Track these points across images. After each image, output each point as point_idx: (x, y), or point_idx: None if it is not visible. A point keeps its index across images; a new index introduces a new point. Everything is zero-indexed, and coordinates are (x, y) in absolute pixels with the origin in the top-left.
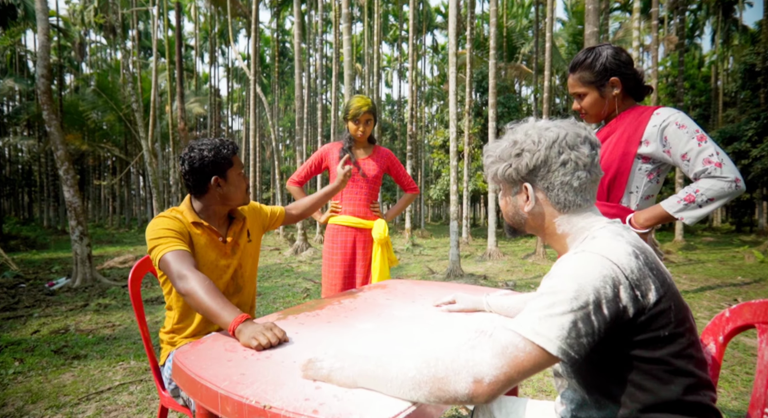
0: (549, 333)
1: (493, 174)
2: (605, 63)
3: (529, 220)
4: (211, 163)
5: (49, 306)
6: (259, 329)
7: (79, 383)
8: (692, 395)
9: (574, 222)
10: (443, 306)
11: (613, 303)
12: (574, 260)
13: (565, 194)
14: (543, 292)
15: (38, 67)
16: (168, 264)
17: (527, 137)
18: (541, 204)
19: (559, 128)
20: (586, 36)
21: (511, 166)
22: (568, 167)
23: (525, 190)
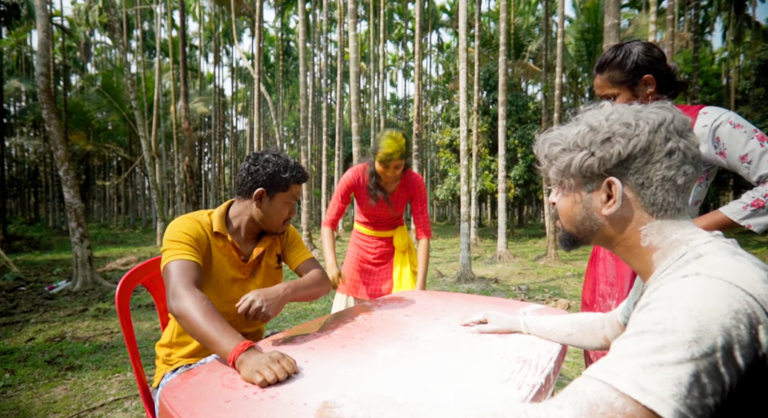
0: (661, 390)
1: (562, 167)
2: (637, 60)
3: (606, 226)
4: (268, 175)
5: (47, 311)
6: (264, 361)
7: (71, 399)
8: None
9: (667, 232)
10: (474, 327)
11: (750, 349)
12: (688, 287)
13: (665, 194)
14: (644, 329)
15: (38, 65)
16: (168, 275)
17: (614, 121)
18: (629, 205)
19: (663, 110)
20: (606, 29)
21: (593, 156)
22: (674, 159)
23: (608, 186)
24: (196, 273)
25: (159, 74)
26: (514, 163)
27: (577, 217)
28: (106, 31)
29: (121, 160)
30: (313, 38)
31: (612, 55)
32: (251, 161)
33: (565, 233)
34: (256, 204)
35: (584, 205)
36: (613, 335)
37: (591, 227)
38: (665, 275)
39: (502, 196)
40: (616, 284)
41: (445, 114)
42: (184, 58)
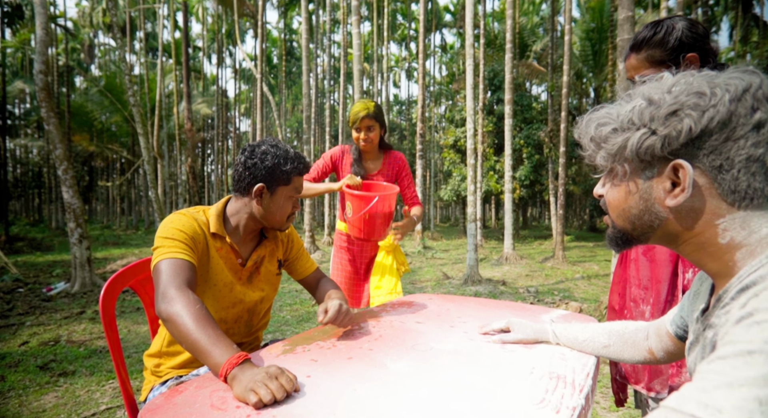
0: None
1: (615, 150)
2: (681, 37)
3: (671, 221)
4: (267, 169)
5: (43, 313)
6: (260, 377)
7: (61, 408)
8: None
9: (755, 226)
10: (496, 337)
11: None
12: None
13: (751, 178)
14: (752, 348)
15: (36, 63)
16: (158, 275)
17: (680, 92)
18: (701, 194)
19: (746, 74)
20: (620, 21)
21: (654, 134)
22: (764, 133)
23: (674, 172)
24: (190, 274)
25: (161, 75)
26: (520, 163)
27: (633, 210)
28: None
29: (125, 161)
30: (316, 39)
31: (652, 31)
32: (248, 154)
33: (617, 231)
34: (256, 201)
35: (642, 196)
36: (661, 348)
37: (651, 221)
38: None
39: (509, 197)
40: (651, 288)
41: (449, 114)
42: (186, 60)
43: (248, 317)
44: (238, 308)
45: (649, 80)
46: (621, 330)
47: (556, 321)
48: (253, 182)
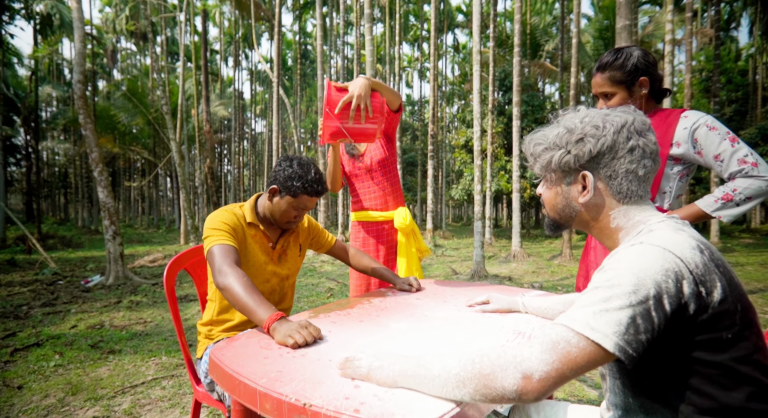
0: (605, 328)
1: (545, 163)
2: (636, 63)
3: (583, 212)
4: (284, 177)
5: (85, 302)
6: (294, 327)
7: (115, 377)
8: (758, 403)
9: (631, 215)
10: (476, 307)
11: (675, 299)
12: (632, 252)
13: (629, 183)
14: (597, 285)
15: (75, 73)
16: (213, 256)
17: (586, 123)
18: (600, 194)
19: (624, 113)
20: (618, 30)
21: (569, 153)
22: (635, 154)
23: (583, 179)
24: (236, 255)
25: (183, 79)
26: None
27: (559, 205)
28: (132, 39)
29: (145, 162)
30: (330, 41)
31: (614, 56)
32: (280, 160)
33: (550, 219)
34: (268, 197)
35: (564, 196)
36: None
37: (570, 213)
38: (621, 246)
39: (516, 196)
40: None
41: (461, 115)
42: (205, 63)
43: (279, 289)
44: (272, 282)
45: (571, 111)
46: (573, 299)
47: (526, 295)
48: (272, 183)
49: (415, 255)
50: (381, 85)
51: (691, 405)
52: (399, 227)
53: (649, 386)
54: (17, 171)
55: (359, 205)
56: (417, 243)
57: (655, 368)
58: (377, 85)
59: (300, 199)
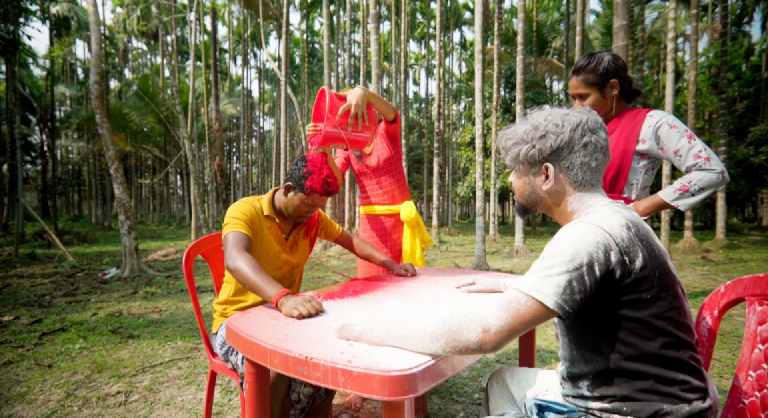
0: (547, 290)
1: (514, 156)
2: (607, 66)
3: (546, 198)
4: (298, 175)
5: (103, 293)
6: (299, 301)
7: (135, 358)
8: (671, 351)
9: (584, 200)
10: (463, 288)
11: (604, 266)
12: (572, 229)
13: (583, 174)
14: (544, 256)
15: (91, 75)
16: (226, 241)
17: (548, 121)
18: (560, 183)
19: (580, 113)
20: (615, 29)
21: (534, 147)
22: (588, 149)
23: (546, 170)
24: (248, 242)
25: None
26: None
27: (526, 192)
28: (143, 38)
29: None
30: (337, 39)
31: (587, 61)
32: (297, 159)
33: (519, 204)
34: (283, 192)
35: (530, 184)
36: None
37: (535, 199)
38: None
39: None
40: None
41: (467, 112)
42: (215, 62)
43: (290, 276)
44: (284, 270)
45: (537, 109)
46: None
47: (508, 277)
48: (288, 179)
49: (419, 245)
50: (376, 97)
51: (618, 353)
52: (405, 219)
53: (587, 339)
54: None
55: (368, 200)
56: (421, 234)
57: (590, 323)
58: (373, 97)
59: (311, 196)
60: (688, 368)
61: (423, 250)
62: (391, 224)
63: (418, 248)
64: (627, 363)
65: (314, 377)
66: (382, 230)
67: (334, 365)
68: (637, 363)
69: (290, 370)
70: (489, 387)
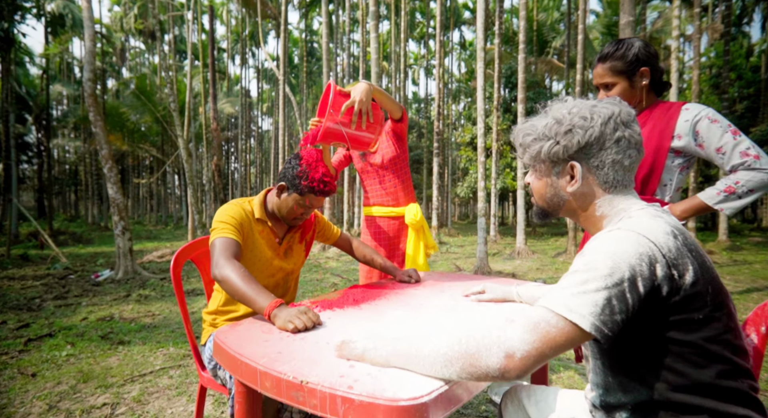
0: (582, 309)
1: (534, 153)
2: (637, 53)
3: (571, 201)
4: (291, 175)
5: (95, 296)
6: (294, 313)
7: (124, 366)
8: (728, 380)
9: (615, 203)
10: (472, 296)
11: (649, 281)
12: (609, 237)
13: (615, 173)
14: (576, 269)
15: (85, 72)
16: (213, 249)
17: (574, 115)
18: (588, 183)
19: (611, 105)
20: (621, 26)
21: (558, 144)
22: (621, 145)
23: (571, 169)
24: (237, 249)
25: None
26: None
27: (547, 194)
28: (141, 37)
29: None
30: (336, 39)
31: (615, 47)
32: (291, 157)
33: (538, 208)
34: (276, 193)
35: (552, 185)
36: None
37: (558, 202)
38: (601, 231)
39: (521, 193)
40: None
41: (467, 112)
42: (212, 62)
43: (284, 283)
44: (277, 277)
45: (559, 101)
46: None
47: (521, 286)
48: (280, 179)
49: (423, 250)
50: (382, 93)
51: (665, 382)
52: (409, 222)
53: (626, 365)
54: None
55: (370, 201)
56: (425, 239)
57: (631, 347)
58: (378, 93)
59: (307, 197)
60: (748, 400)
61: (428, 255)
62: (395, 226)
63: (422, 252)
64: (675, 394)
65: (310, 404)
66: (384, 233)
67: (332, 392)
68: (687, 395)
69: (283, 395)
70: (503, 406)
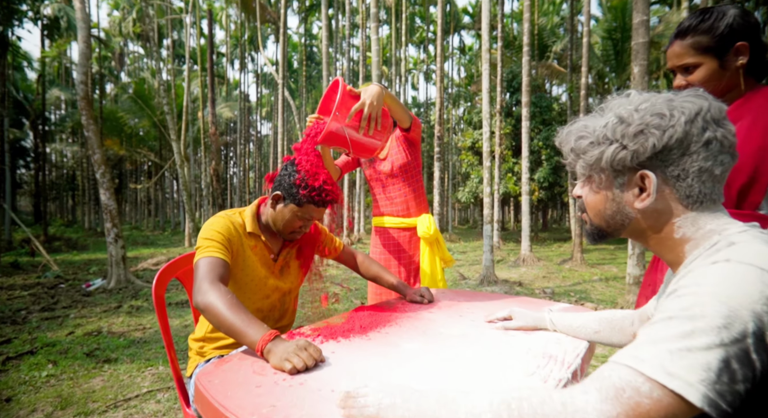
0: (689, 375)
1: (592, 161)
2: (732, 24)
3: (639, 220)
4: (288, 184)
5: (84, 307)
6: (292, 349)
7: (108, 389)
8: None
9: (701, 223)
10: (499, 324)
11: None
12: (716, 273)
13: (701, 185)
14: (672, 315)
15: (78, 74)
16: (196, 271)
17: (644, 112)
18: (663, 198)
19: (696, 98)
20: (635, 26)
21: (625, 149)
22: (712, 148)
23: (641, 180)
24: (223, 270)
25: (188, 81)
26: (539, 165)
27: (608, 211)
28: (139, 41)
29: (152, 164)
30: (335, 43)
31: (700, 18)
32: (287, 165)
33: (594, 227)
34: (271, 203)
35: (615, 199)
36: None
37: (622, 220)
38: (695, 263)
39: (526, 199)
40: None
41: (467, 116)
42: (211, 66)
43: (280, 305)
44: (273, 298)
45: (620, 96)
46: (610, 317)
47: (554, 310)
48: (276, 188)
49: (439, 265)
50: (394, 99)
51: None
52: (422, 235)
53: None
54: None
55: (379, 211)
56: (441, 252)
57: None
58: (390, 99)
59: (306, 208)
60: None
61: (443, 270)
62: (406, 239)
63: (438, 268)
64: None
65: None
66: (395, 246)
67: None
68: None
69: None
70: None
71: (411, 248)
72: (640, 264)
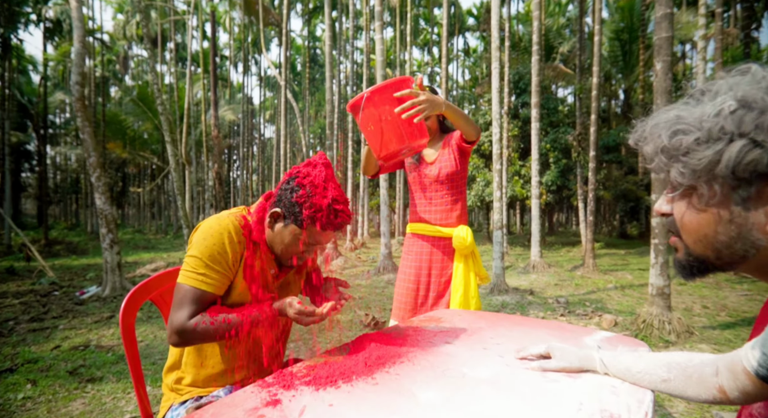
0: None
1: (702, 165)
2: None
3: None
4: (290, 201)
5: (75, 317)
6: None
7: (87, 415)
8: None
9: None
10: (535, 364)
11: None
12: None
13: None
14: None
15: (73, 75)
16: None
17: None
18: None
19: None
20: (658, 19)
21: (760, 147)
22: None
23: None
24: (208, 305)
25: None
26: (546, 168)
27: (721, 237)
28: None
29: (155, 168)
30: (339, 46)
31: None
32: (290, 177)
33: (693, 258)
34: (268, 223)
35: (734, 220)
36: (736, 387)
37: (743, 250)
38: None
39: (536, 203)
40: None
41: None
42: (214, 69)
43: (284, 328)
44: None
45: (731, 73)
46: (684, 363)
47: (602, 347)
48: (276, 204)
49: (474, 282)
50: (459, 113)
51: None
52: (457, 246)
53: None
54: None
55: (417, 217)
56: (476, 267)
57: None
58: (453, 112)
59: (310, 231)
60: None
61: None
62: (440, 249)
63: (473, 284)
64: None
65: None
66: (428, 255)
67: None
68: None
69: None
70: None
71: (444, 260)
72: (664, 274)
